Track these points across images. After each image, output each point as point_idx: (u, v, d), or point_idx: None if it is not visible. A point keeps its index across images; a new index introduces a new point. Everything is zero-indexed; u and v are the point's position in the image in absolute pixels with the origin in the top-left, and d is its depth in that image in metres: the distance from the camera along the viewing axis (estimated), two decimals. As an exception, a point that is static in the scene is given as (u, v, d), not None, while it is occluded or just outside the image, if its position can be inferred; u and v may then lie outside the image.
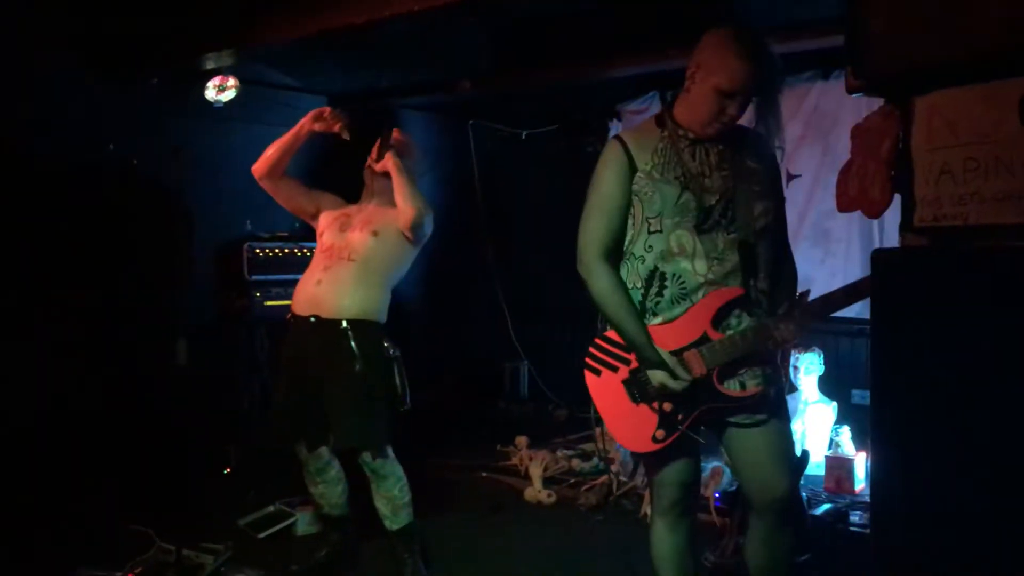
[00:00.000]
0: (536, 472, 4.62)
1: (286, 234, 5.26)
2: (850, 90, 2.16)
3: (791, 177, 5.30)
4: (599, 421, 2.49)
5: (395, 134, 3.58)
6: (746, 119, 2.41)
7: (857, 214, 2.25)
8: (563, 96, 6.06)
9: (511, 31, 4.78)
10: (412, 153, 3.61)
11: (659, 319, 2.40)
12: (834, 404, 4.78)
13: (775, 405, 2.44)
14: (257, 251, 5.08)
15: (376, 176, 3.53)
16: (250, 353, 5.10)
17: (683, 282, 2.36)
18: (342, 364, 3.30)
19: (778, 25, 4.07)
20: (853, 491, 4.34)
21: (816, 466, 4.41)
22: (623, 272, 2.45)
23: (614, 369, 2.45)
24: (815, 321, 2.38)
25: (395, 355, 3.40)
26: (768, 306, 2.42)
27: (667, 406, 2.38)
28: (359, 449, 3.35)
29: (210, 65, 4.70)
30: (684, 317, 2.36)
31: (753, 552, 2.54)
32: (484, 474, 4.89)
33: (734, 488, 3.69)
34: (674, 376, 2.33)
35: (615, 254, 2.45)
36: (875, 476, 2.02)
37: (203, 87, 4.71)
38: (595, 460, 4.88)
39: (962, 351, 1.86)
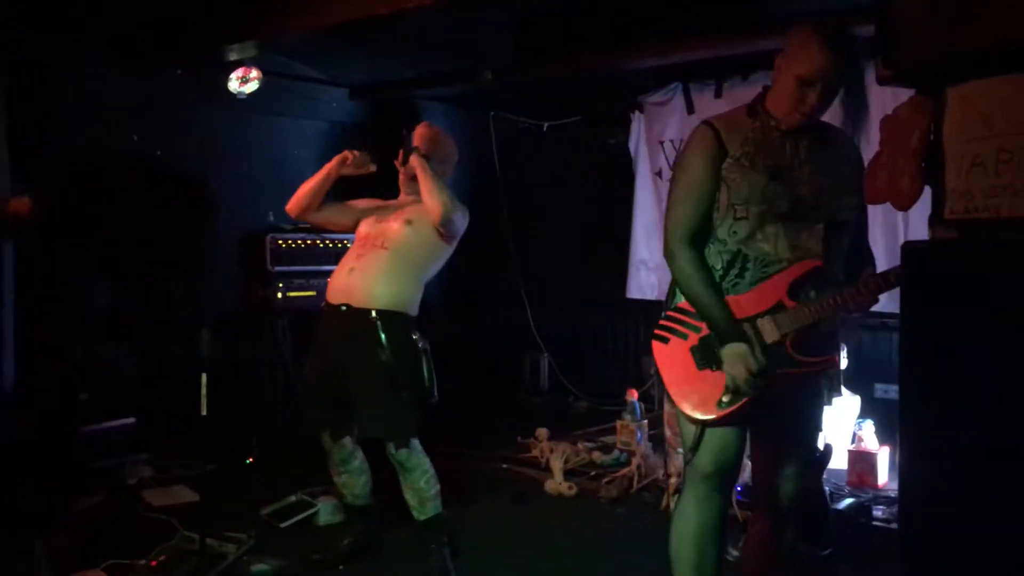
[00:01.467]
0: (557, 464, 4.61)
1: (309, 226, 5.26)
2: (880, 80, 2.14)
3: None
4: (665, 394, 2.51)
5: (419, 130, 3.58)
6: (837, 119, 2.45)
7: (881, 207, 2.24)
8: (585, 87, 6.03)
9: (533, 21, 4.77)
10: (440, 145, 3.61)
11: (734, 293, 2.43)
12: (857, 398, 4.74)
13: (833, 385, 2.48)
14: (280, 242, 5.10)
15: (407, 177, 3.55)
16: (272, 344, 5.12)
17: (766, 266, 2.38)
18: (369, 354, 3.31)
19: (802, 14, 4.03)
20: (876, 485, 4.31)
21: (839, 460, 4.38)
22: (706, 253, 2.47)
23: (684, 336, 2.47)
24: (888, 288, 2.34)
25: (424, 347, 3.39)
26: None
27: None
28: (383, 439, 3.36)
29: (233, 56, 4.72)
30: (760, 287, 2.39)
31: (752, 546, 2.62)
32: (505, 466, 4.89)
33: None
34: (752, 353, 2.33)
35: (701, 238, 2.45)
36: (903, 469, 2.01)
37: (226, 78, 4.73)
38: (616, 453, 4.88)
39: (993, 345, 1.84)
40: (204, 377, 3.30)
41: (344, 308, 3.38)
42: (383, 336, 3.31)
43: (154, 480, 4.51)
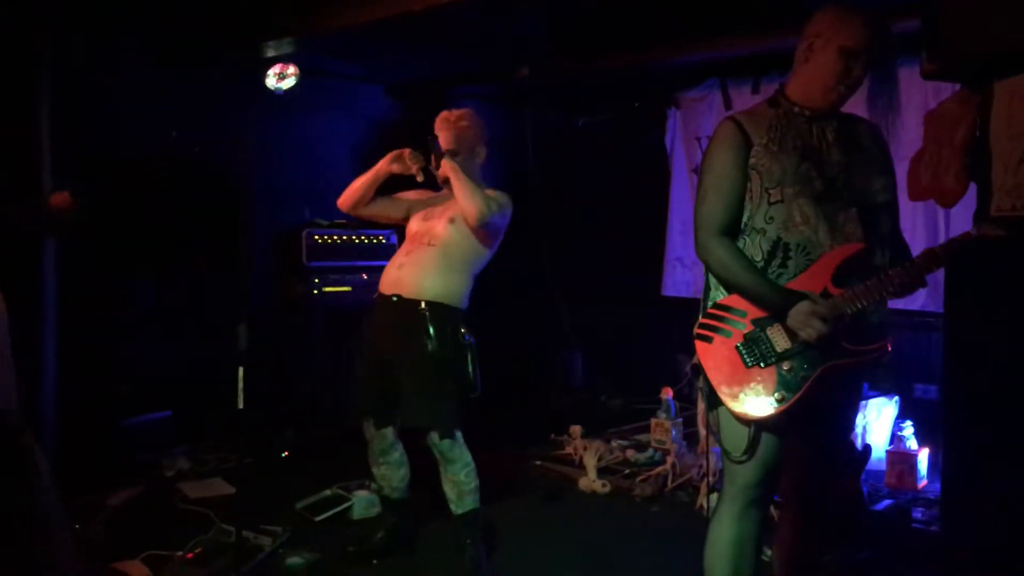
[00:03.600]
0: (590, 462, 4.59)
1: (344, 221, 5.30)
2: (925, 75, 2.10)
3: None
4: (712, 396, 2.41)
5: (440, 124, 3.58)
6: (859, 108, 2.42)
7: (921, 204, 2.19)
8: (621, 84, 6.01)
9: (569, 18, 4.75)
10: (467, 131, 3.60)
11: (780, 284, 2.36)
12: (896, 398, 4.68)
13: (886, 373, 2.41)
14: (316, 238, 5.13)
15: (443, 179, 3.56)
16: (308, 338, 5.16)
17: (808, 253, 2.32)
18: (416, 344, 3.34)
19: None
20: (916, 487, 4.25)
21: (878, 460, 4.33)
22: (740, 247, 2.41)
23: (728, 335, 2.39)
24: (937, 266, 2.26)
25: (470, 342, 3.43)
26: None
27: (787, 366, 2.32)
28: (426, 429, 3.37)
29: (271, 53, 4.75)
30: (804, 275, 2.32)
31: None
32: (538, 463, 4.88)
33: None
34: (817, 303, 2.26)
35: (731, 232, 2.41)
36: (945, 471, 1.97)
37: (264, 75, 4.76)
38: (650, 451, 4.85)
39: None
40: (241, 371, 3.33)
41: (395, 299, 3.42)
42: (431, 328, 3.34)
43: (191, 473, 4.56)
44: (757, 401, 2.32)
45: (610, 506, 4.31)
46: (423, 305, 3.37)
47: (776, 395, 2.30)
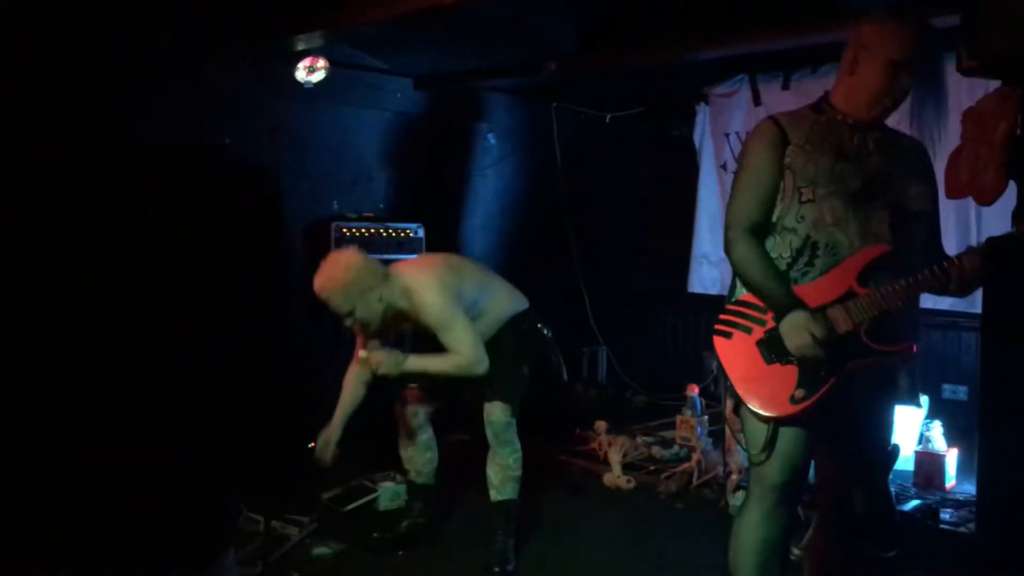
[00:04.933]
0: (615, 457, 4.59)
1: (372, 215, 5.32)
2: (964, 71, 2.08)
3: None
4: (731, 391, 2.40)
5: (317, 295, 3.36)
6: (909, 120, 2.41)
7: (953, 203, 2.16)
8: (650, 78, 5.97)
9: (598, 12, 4.73)
10: (343, 289, 3.28)
11: (803, 283, 2.36)
12: (925, 398, 4.64)
13: (909, 380, 2.38)
14: (344, 231, 5.15)
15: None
16: (335, 330, 5.18)
17: (835, 253, 2.31)
18: (497, 352, 3.37)
19: (877, 3, 3.94)
20: (944, 488, 4.22)
21: (905, 461, 4.29)
22: (770, 245, 2.40)
23: (748, 331, 2.38)
24: (961, 272, 2.20)
25: (547, 335, 3.55)
26: None
27: (807, 365, 2.30)
28: (491, 400, 3.40)
29: (301, 46, 4.77)
30: (829, 275, 2.31)
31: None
32: (563, 457, 4.89)
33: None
34: (813, 320, 2.25)
35: (761, 230, 2.40)
36: (981, 472, 1.95)
37: (294, 68, 4.78)
38: (676, 448, 4.84)
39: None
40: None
41: None
42: (506, 338, 3.46)
43: (219, 462, 4.59)
44: (775, 399, 2.30)
45: (634, 502, 4.31)
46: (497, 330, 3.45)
47: (796, 393, 2.28)
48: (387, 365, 3.26)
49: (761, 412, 2.32)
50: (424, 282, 3.29)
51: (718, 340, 2.44)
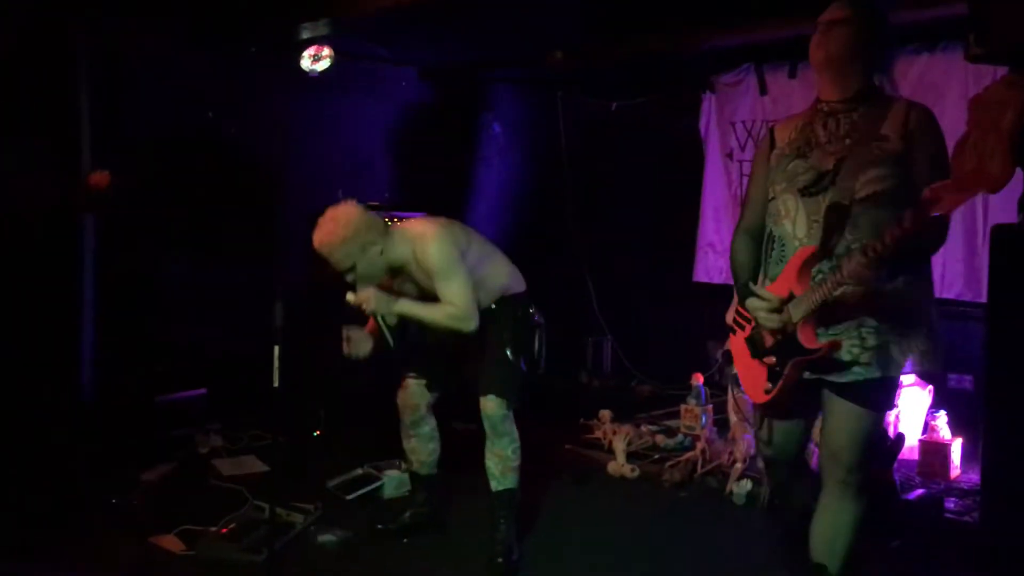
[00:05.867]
0: (620, 446, 4.59)
1: (377, 203, 5.31)
2: (972, 59, 2.07)
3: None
4: (731, 380, 2.70)
5: (317, 251, 3.37)
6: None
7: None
8: (655, 67, 5.95)
9: (604, 1, 4.71)
10: (342, 243, 3.32)
11: (768, 280, 2.54)
12: (930, 388, 4.64)
13: (872, 368, 2.37)
14: (348, 219, 5.14)
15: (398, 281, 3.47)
16: (341, 319, 5.18)
17: (783, 244, 2.46)
18: (491, 339, 3.39)
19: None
20: (948, 477, 4.22)
21: (910, 449, 4.30)
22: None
23: (742, 328, 2.61)
24: (904, 233, 2.09)
25: (539, 322, 3.51)
26: None
27: (769, 360, 2.48)
28: (485, 393, 3.37)
29: (306, 35, 4.77)
30: (780, 277, 2.46)
31: (815, 523, 2.56)
32: (567, 446, 4.89)
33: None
34: (762, 293, 2.45)
35: (757, 230, 2.61)
36: (985, 462, 1.95)
37: (299, 57, 4.78)
38: (680, 437, 4.84)
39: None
40: (277, 350, 3.35)
41: None
42: (500, 319, 3.43)
43: (225, 450, 4.62)
44: (755, 390, 2.56)
45: (639, 491, 4.31)
46: (493, 306, 3.43)
47: (766, 384, 2.49)
48: (376, 301, 3.28)
49: (749, 400, 2.64)
50: (431, 231, 3.31)
51: (731, 335, 2.69)
